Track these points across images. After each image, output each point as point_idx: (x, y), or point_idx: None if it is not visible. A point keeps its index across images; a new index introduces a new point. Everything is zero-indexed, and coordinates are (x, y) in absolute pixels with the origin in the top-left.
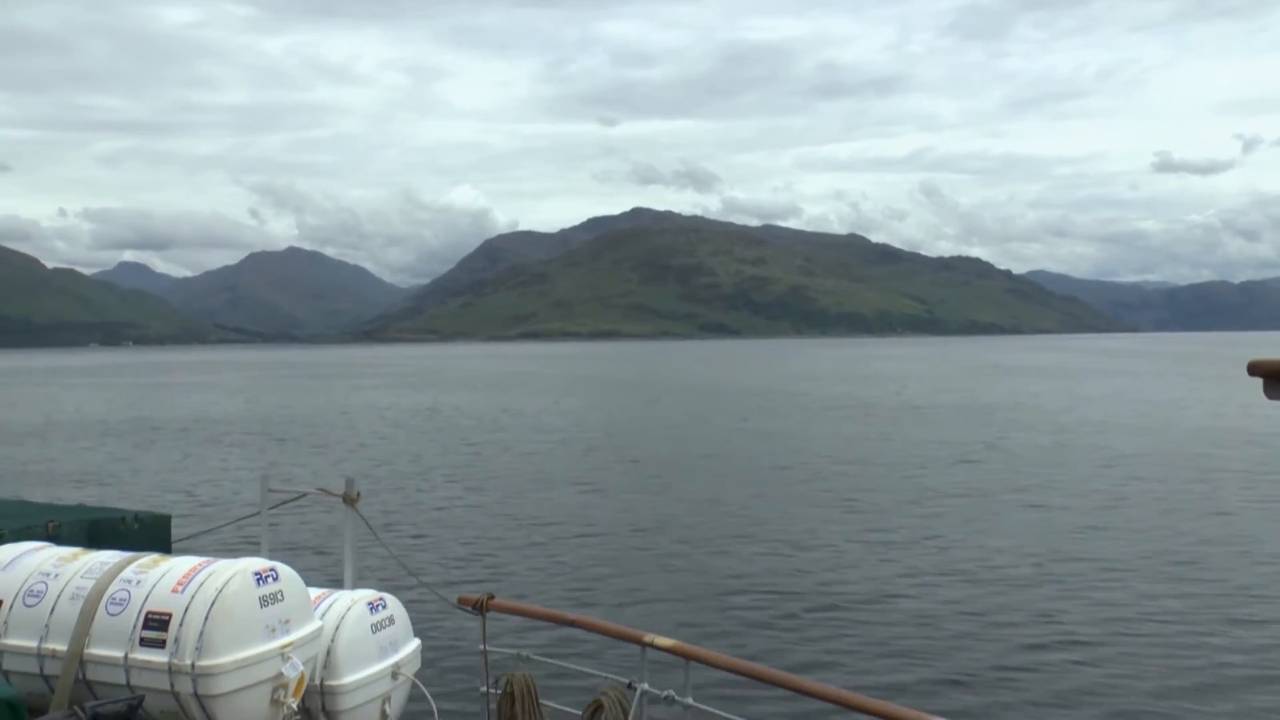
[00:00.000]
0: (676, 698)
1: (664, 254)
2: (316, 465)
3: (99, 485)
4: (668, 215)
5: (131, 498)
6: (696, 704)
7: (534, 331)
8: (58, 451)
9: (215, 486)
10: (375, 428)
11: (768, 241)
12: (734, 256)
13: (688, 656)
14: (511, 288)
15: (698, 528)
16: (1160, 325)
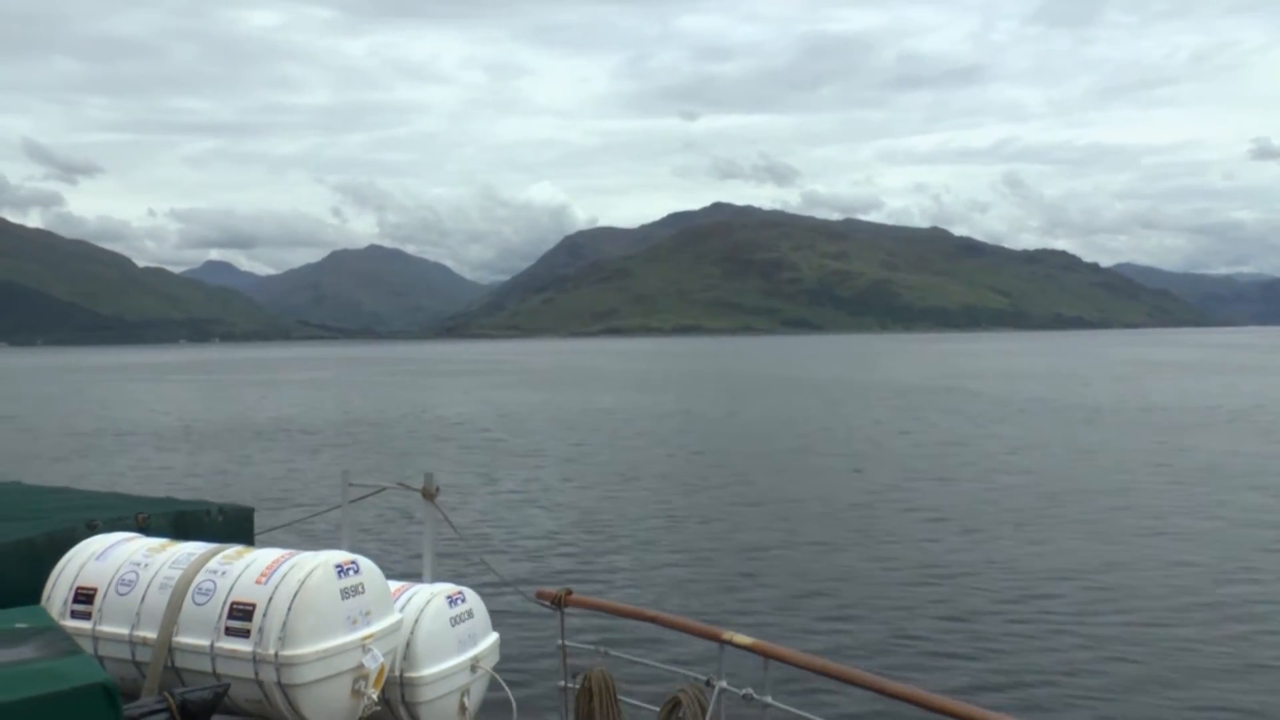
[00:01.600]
0: (755, 696)
1: (746, 249)
2: (396, 460)
3: (185, 478)
4: (748, 210)
5: (216, 491)
6: (775, 702)
7: (616, 327)
8: (147, 445)
9: (297, 480)
10: (456, 423)
11: (849, 235)
12: (816, 251)
13: (767, 654)
14: (593, 284)
15: (782, 526)
16: (1258, 319)
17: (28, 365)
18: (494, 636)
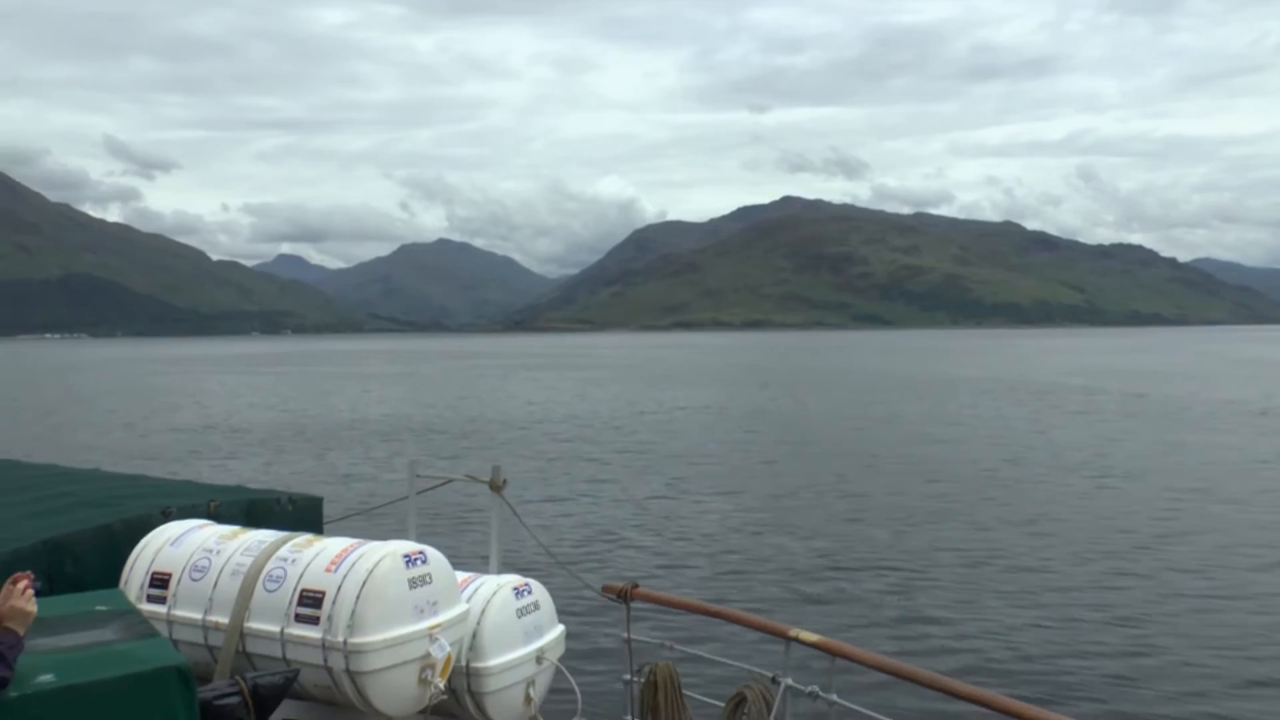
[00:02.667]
0: (821, 694)
1: (816, 243)
2: (464, 452)
3: (256, 468)
4: (818, 203)
5: (285, 480)
6: (841, 701)
7: (685, 321)
8: (219, 435)
9: (364, 471)
10: (524, 416)
11: (920, 229)
12: (887, 245)
13: (833, 653)
14: (662, 278)
15: (853, 525)
16: None
17: (108, 356)
18: (560, 629)
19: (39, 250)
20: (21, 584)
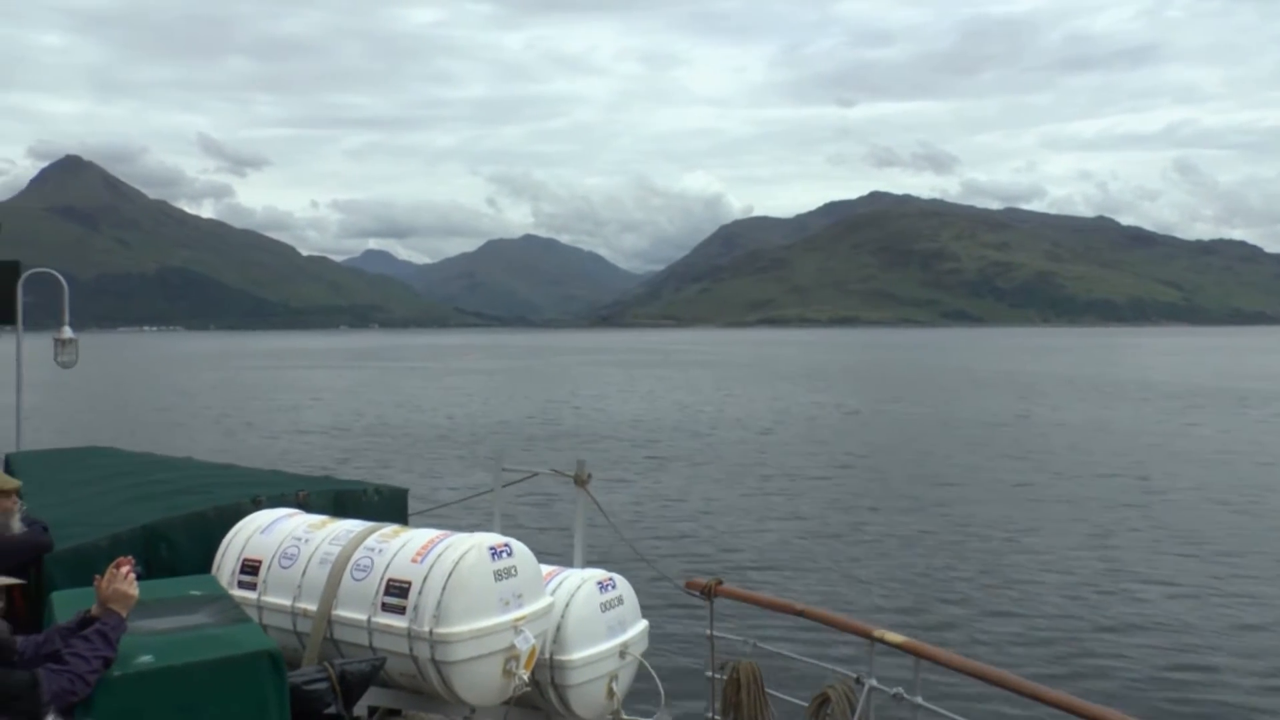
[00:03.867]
0: (905, 695)
1: (904, 239)
2: (549, 446)
3: (343, 459)
4: (906, 199)
5: (372, 471)
6: (926, 704)
7: (772, 318)
8: (309, 427)
9: (450, 464)
10: (609, 411)
11: (1011, 225)
12: (977, 241)
13: (918, 654)
14: (749, 274)
15: (943, 526)
16: None
17: (202, 349)
18: (643, 624)
19: (138, 245)
20: (124, 568)
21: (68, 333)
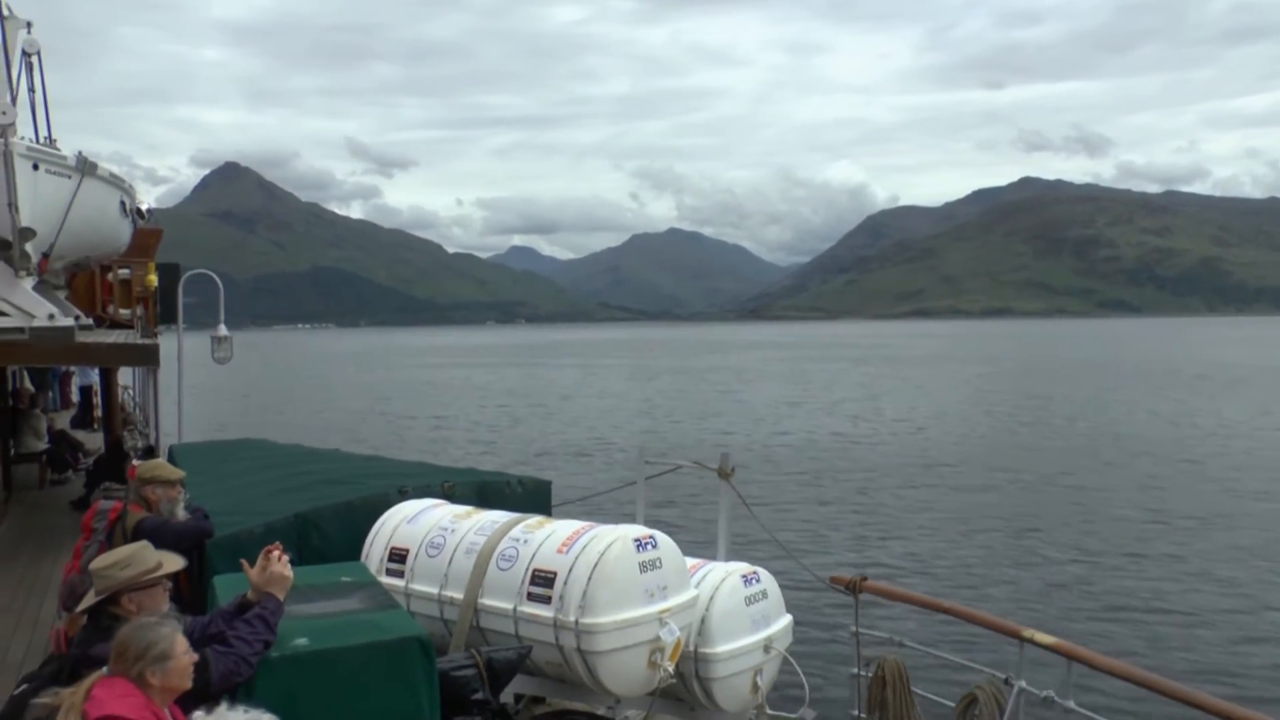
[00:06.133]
0: (1057, 699)
1: (1058, 226)
2: (692, 438)
3: (487, 451)
4: (1059, 184)
5: (515, 463)
6: (1079, 708)
7: (922, 309)
8: (453, 419)
9: (592, 456)
10: (754, 405)
11: (1172, 209)
12: (1135, 226)
13: (1071, 656)
14: (897, 264)
15: (1099, 527)
16: None
17: (353, 345)
18: (787, 618)
19: (292, 246)
20: (276, 553)
21: (223, 330)
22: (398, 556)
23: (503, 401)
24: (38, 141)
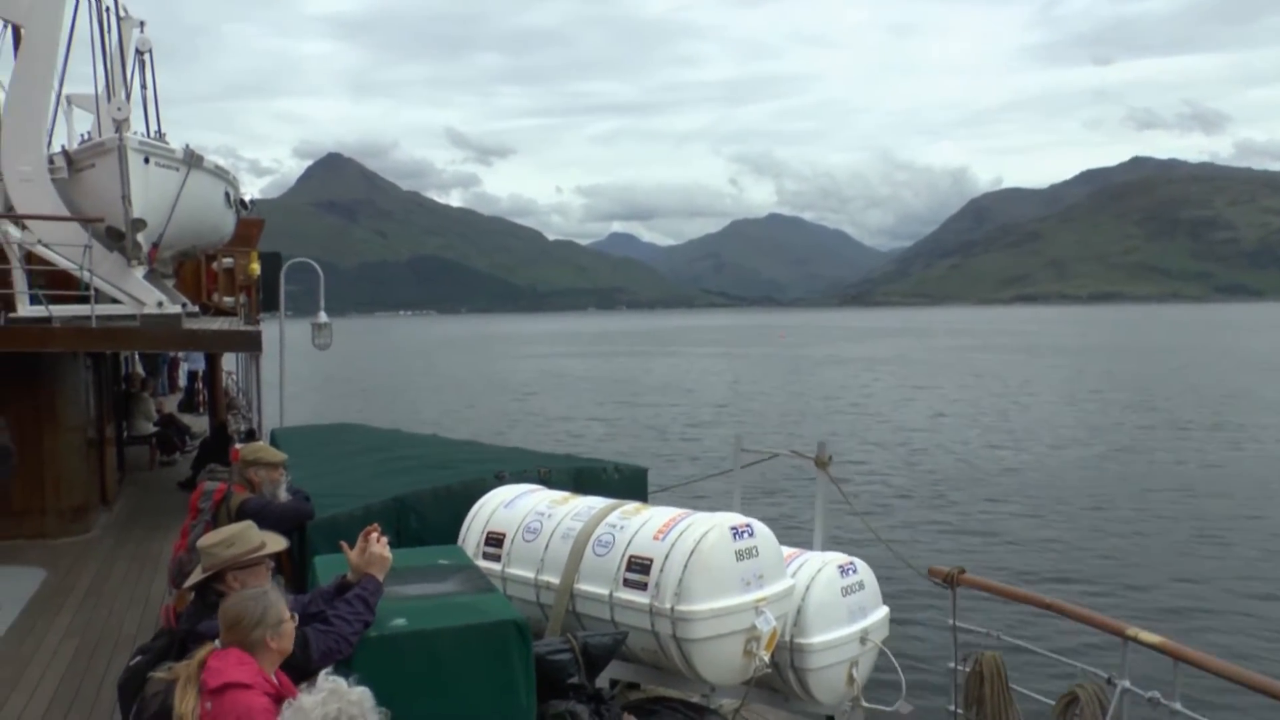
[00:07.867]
0: (1162, 700)
1: (1172, 206)
2: (790, 427)
3: (583, 437)
4: (1172, 163)
5: (612, 450)
6: (1186, 711)
7: (1028, 294)
8: (550, 406)
9: (689, 444)
10: (854, 394)
11: None
12: (1257, 206)
13: (1177, 657)
14: (1001, 248)
15: (1203, 527)
16: None
17: (453, 332)
18: (884, 610)
19: (393, 235)
20: (374, 535)
21: (323, 317)
22: (494, 540)
23: (601, 388)
24: (148, 136)
